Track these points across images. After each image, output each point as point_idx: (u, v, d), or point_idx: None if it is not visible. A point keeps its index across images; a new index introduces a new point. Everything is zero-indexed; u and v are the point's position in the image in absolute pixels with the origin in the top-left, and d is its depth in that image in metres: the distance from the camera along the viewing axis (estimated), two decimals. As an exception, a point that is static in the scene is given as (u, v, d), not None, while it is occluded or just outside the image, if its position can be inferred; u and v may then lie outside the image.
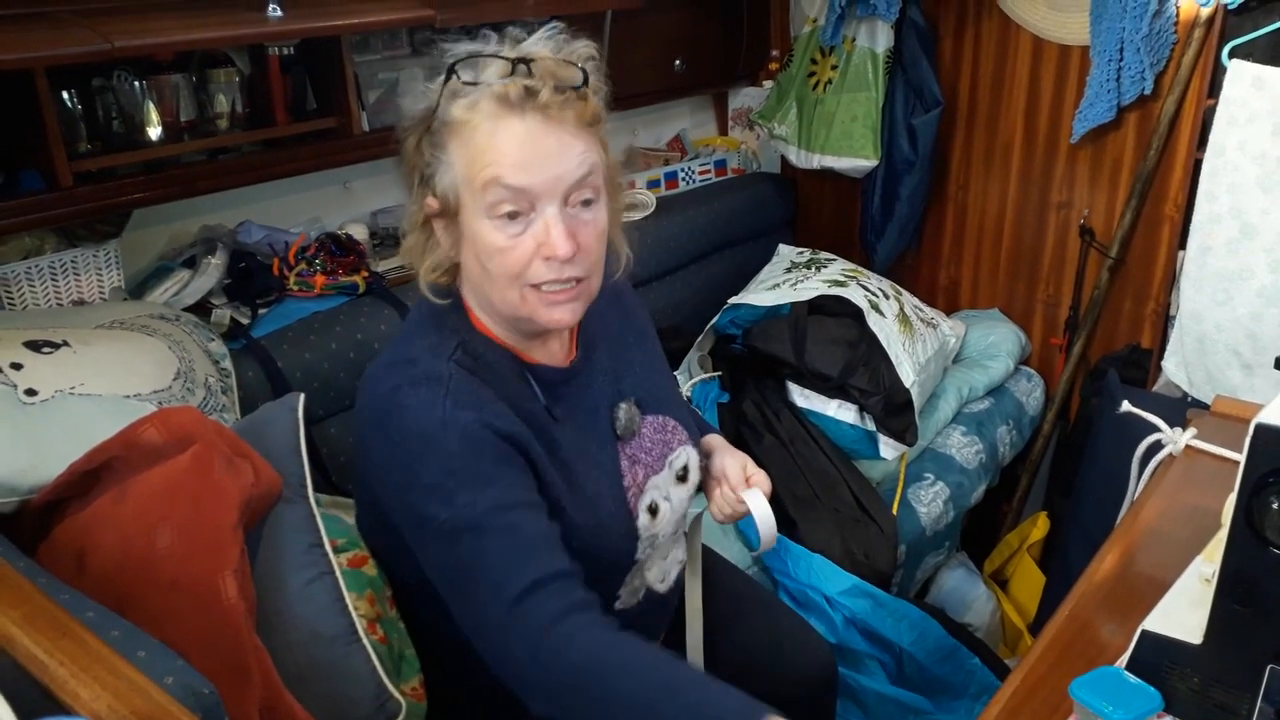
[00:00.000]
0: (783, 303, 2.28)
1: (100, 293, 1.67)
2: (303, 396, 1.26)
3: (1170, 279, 2.30)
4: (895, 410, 2.14)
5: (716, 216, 2.64)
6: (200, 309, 1.76)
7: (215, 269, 1.81)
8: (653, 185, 2.64)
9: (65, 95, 1.58)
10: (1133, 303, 2.42)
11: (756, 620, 1.47)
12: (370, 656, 1.14)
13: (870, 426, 2.16)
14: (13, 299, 1.57)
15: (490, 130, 1.04)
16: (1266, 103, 1.90)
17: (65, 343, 1.32)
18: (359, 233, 2.04)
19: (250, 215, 1.98)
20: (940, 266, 2.77)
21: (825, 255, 2.53)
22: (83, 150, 1.61)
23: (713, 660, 1.39)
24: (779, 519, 1.30)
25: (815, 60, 2.65)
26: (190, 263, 1.83)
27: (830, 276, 2.37)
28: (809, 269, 2.44)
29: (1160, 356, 2.26)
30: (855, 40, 2.53)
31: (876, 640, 1.88)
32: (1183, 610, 0.99)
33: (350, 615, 1.14)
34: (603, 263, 1.14)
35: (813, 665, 1.46)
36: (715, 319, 2.37)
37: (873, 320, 2.22)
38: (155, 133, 1.68)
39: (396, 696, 1.14)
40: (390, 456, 1.08)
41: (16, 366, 1.23)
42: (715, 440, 1.38)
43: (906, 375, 2.16)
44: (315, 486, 1.23)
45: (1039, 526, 2.46)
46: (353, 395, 1.37)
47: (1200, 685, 0.93)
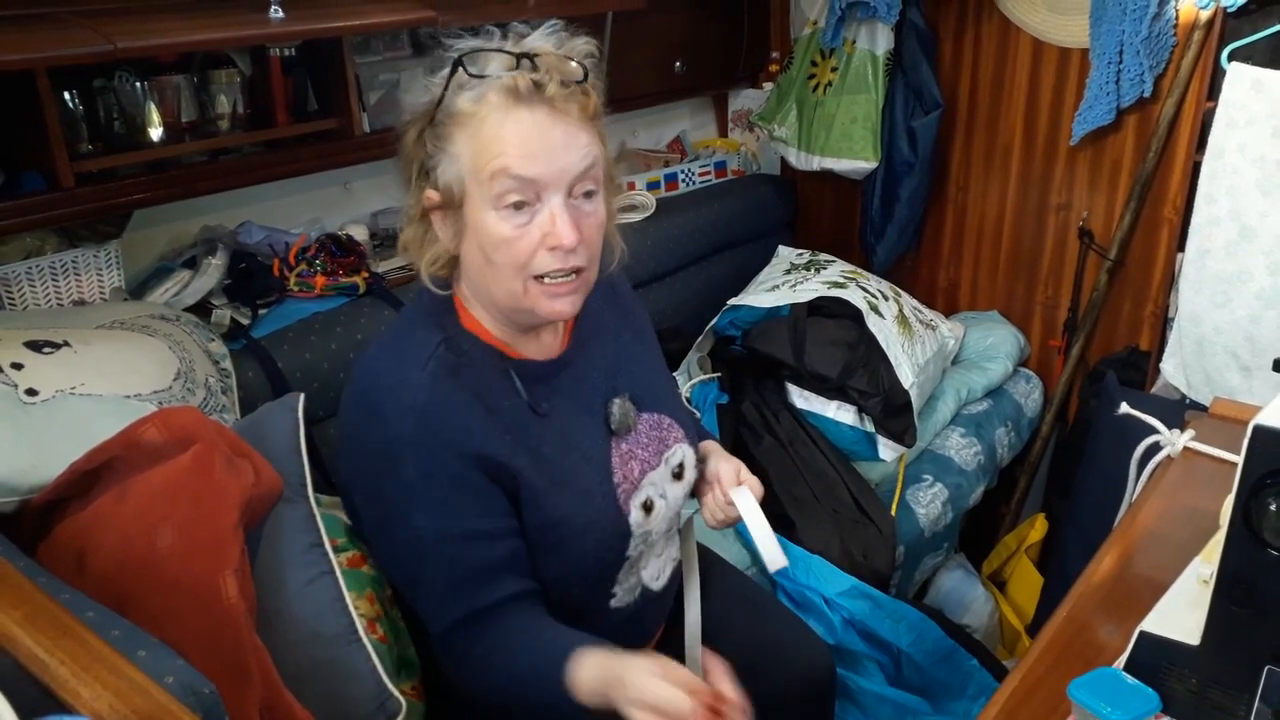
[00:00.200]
0: (782, 304, 2.28)
1: (101, 293, 1.67)
2: (303, 397, 1.26)
3: (1169, 281, 2.30)
4: (894, 412, 2.15)
5: (716, 218, 2.64)
6: (201, 309, 1.76)
7: (216, 269, 1.81)
8: (653, 187, 2.64)
9: (67, 96, 1.58)
10: (1131, 305, 2.43)
11: (755, 621, 1.47)
12: (370, 656, 1.14)
13: (869, 428, 2.16)
14: (13, 299, 1.57)
15: (499, 121, 1.05)
16: (1266, 105, 1.90)
17: (66, 343, 1.32)
18: (359, 233, 2.04)
19: (251, 216, 1.98)
20: (939, 268, 2.77)
21: (825, 257, 2.54)
22: (84, 151, 1.62)
23: (712, 661, 1.39)
24: (778, 520, 1.30)
25: (815, 62, 2.65)
26: (191, 263, 1.83)
27: (830, 278, 2.37)
28: (808, 270, 2.44)
29: (1159, 358, 2.26)
30: (855, 42, 2.54)
31: (875, 641, 1.88)
32: (1181, 611, 0.99)
33: (350, 615, 1.15)
34: (599, 255, 1.16)
35: (811, 666, 1.46)
36: (715, 320, 2.37)
37: (872, 322, 2.22)
38: (156, 133, 1.69)
39: (397, 696, 1.14)
40: (358, 467, 1.17)
41: (17, 366, 1.23)
42: (711, 445, 1.39)
43: (905, 377, 2.16)
44: (315, 486, 1.23)
45: (1037, 528, 2.46)
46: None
47: (1198, 686, 0.93)
